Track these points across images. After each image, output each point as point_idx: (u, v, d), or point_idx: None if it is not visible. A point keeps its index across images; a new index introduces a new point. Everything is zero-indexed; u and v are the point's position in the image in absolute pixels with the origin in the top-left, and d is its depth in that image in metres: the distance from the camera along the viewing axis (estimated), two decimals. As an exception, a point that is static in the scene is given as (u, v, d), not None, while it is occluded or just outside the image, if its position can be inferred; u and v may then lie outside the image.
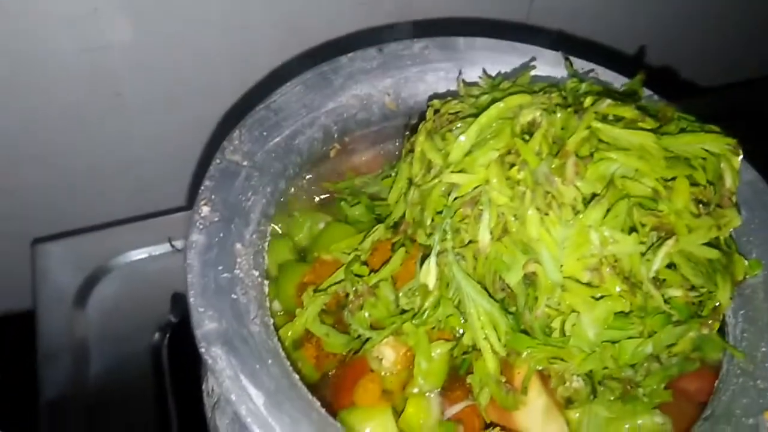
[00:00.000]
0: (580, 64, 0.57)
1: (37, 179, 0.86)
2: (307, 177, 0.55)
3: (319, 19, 0.81)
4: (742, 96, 0.96)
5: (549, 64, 0.57)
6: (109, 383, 0.72)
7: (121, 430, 0.69)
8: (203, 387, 0.52)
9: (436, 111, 0.50)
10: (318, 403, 0.40)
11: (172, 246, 0.80)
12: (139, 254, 0.81)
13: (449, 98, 0.51)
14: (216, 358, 0.39)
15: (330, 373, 0.50)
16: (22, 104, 0.77)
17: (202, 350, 0.40)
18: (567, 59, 0.57)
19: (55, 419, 0.69)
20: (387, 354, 0.48)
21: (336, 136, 0.55)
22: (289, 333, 0.49)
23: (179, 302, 0.75)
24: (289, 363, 0.42)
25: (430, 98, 0.56)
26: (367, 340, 0.47)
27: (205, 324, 0.41)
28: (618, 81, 0.56)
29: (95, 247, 0.81)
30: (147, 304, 0.77)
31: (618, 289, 0.40)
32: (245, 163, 0.49)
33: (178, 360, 0.73)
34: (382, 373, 0.48)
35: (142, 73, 0.81)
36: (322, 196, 0.57)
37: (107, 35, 0.75)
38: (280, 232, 0.54)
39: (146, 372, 0.73)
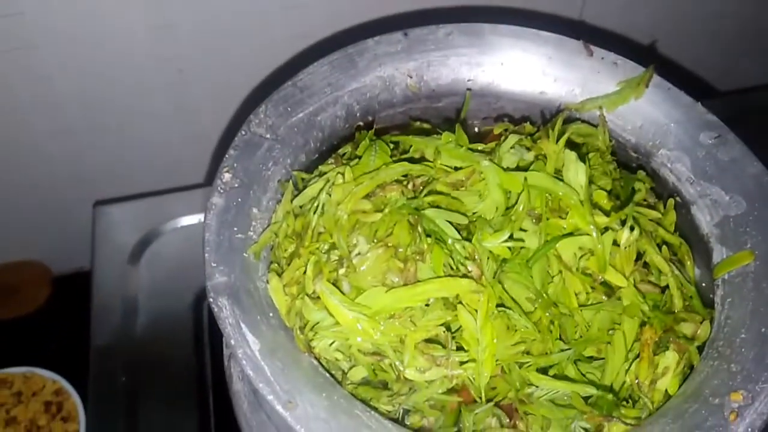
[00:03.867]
0: (600, 53, 0.58)
1: (101, 146, 0.93)
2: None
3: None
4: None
5: (570, 53, 0.59)
6: (154, 335, 0.78)
7: (162, 378, 0.76)
8: (224, 340, 0.57)
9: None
10: (310, 354, 0.44)
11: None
12: (190, 220, 0.87)
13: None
14: (222, 307, 0.44)
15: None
16: (88, 75, 0.84)
17: (210, 300, 0.44)
18: (587, 48, 0.59)
19: (103, 365, 0.76)
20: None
21: (358, 114, 0.58)
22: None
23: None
24: (290, 318, 0.46)
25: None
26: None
27: (216, 277, 0.45)
28: (637, 71, 0.57)
29: (151, 211, 0.87)
30: (193, 266, 0.82)
31: None
32: (268, 136, 0.53)
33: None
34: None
35: (203, 51, 0.86)
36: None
37: (172, 14, 0.81)
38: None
39: (188, 327, 0.79)
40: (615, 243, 0.46)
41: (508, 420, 0.46)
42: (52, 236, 1.08)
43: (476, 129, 0.62)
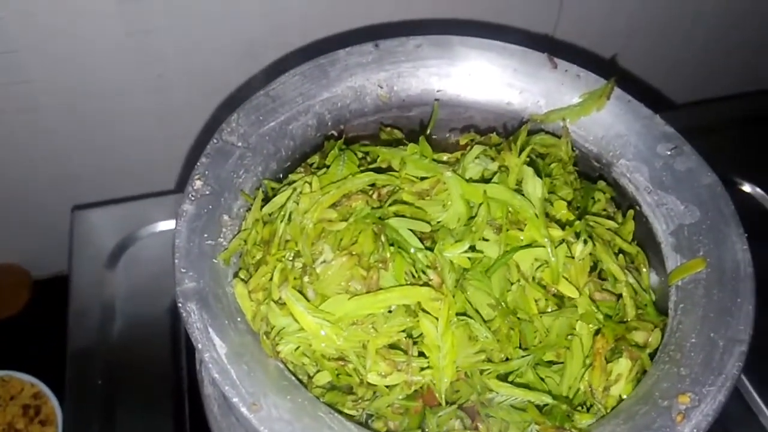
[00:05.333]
0: (564, 66, 0.60)
1: (81, 151, 0.94)
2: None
3: (348, 9, 0.85)
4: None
5: (535, 65, 0.61)
6: (131, 339, 0.79)
7: (138, 382, 0.76)
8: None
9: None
10: (276, 359, 0.46)
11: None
12: (167, 225, 0.88)
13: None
14: (190, 312, 0.45)
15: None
16: (68, 79, 0.85)
17: (180, 305, 0.45)
18: (551, 60, 0.60)
19: (80, 369, 0.76)
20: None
21: (329, 124, 0.59)
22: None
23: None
24: (258, 323, 0.48)
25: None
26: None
27: (185, 283, 0.47)
28: (599, 84, 0.59)
29: (129, 216, 0.88)
30: (170, 271, 0.83)
31: None
32: (240, 144, 0.54)
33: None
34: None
35: (183, 57, 0.87)
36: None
37: (150, 20, 0.82)
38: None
39: (164, 331, 0.80)
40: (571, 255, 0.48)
41: (470, 421, 0.47)
42: (31, 240, 1.08)
43: (445, 138, 0.64)
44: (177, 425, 0.75)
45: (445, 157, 0.54)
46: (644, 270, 0.52)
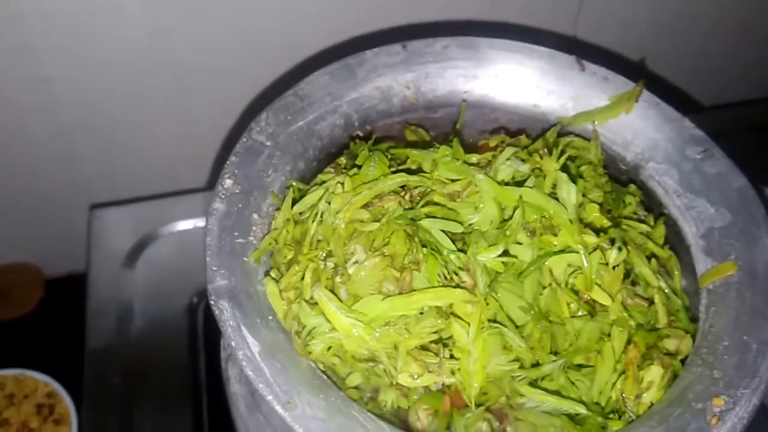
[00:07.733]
0: (592, 69, 0.60)
1: (98, 150, 0.94)
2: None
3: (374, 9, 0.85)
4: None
5: (563, 67, 0.61)
6: (149, 339, 0.79)
7: (156, 382, 0.76)
8: (221, 343, 0.59)
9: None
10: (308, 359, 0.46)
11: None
12: (185, 225, 0.88)
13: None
14: (223, 309, 0.45)
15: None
16: (87, 78, 0.85)
17: (212, 302, 0.45)
18: (579, 62, 0.60)
19: (98, 368, 0.76)
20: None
21: (356, 124, 0.59)
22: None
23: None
24: (288, 321, 0.47)
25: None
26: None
27: (217, 281, 0.46)
28: (627, 86, 0.59)
29: (147, 215, 0.89)
30: (188, 271, 0.84)
31: None
32: (269, 143, 0.54)
33: (211, 322, 0.79)
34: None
35: (202, 58, 0.87)
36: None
37: (171, 20, 0.82)
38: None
39: (182, 331, 0.80)
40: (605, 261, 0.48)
41: (498, 424, 0.47)
42: (45, 238, 1.08)
43: (471, 139, 0.64)
44: (195, 425, 0.75)
45: (474, 158, 0.53)
46: (676, 272, 0.51)
